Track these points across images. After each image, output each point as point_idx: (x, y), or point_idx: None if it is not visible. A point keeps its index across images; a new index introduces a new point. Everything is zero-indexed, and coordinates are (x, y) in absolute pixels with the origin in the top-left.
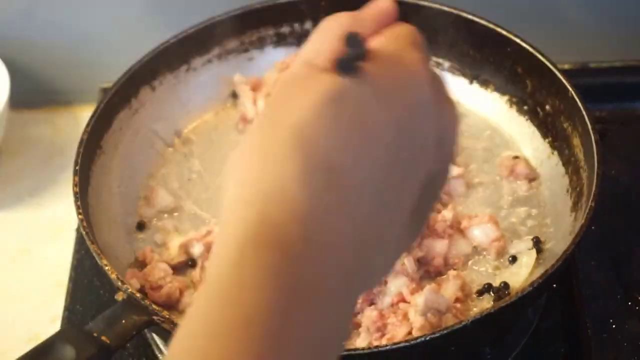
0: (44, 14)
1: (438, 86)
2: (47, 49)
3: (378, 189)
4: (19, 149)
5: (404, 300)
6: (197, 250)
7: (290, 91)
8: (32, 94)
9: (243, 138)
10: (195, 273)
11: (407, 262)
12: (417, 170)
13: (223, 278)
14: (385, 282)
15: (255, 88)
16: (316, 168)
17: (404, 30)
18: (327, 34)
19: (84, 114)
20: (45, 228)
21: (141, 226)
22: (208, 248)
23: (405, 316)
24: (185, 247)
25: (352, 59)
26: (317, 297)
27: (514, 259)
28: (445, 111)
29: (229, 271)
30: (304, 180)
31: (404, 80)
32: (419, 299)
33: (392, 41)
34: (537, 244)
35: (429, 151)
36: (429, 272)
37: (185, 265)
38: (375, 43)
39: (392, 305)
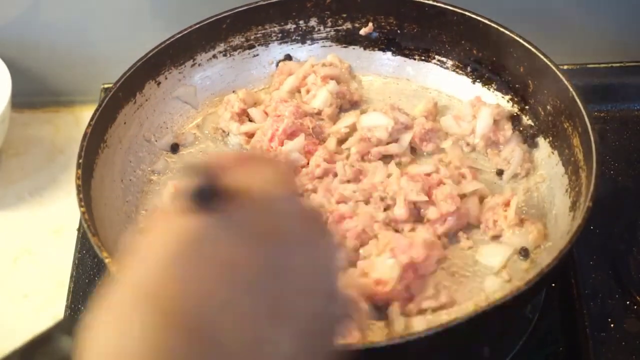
0: (45, 16)
1: (312, 216)
2: (49, 50)
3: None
4: (20, 148)
5: None
6: None
7: (145, 241)
8: (34, 95)
9: (98, 298)
10: None
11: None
12: (292, 311)
13: None
14: None
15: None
16: (168, 324)
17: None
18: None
19: (85, 114)
20: (47, 227)
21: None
22: None
23: None
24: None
25: (203, 190)
26: None
27: (525, 253)
28: (321, 240)
29: None
30: (158, 342)
31: (268, 211)
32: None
33: (251, 173)
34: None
35: (307, 287)
36: None
37: None
38: (235, 176)
39: None
